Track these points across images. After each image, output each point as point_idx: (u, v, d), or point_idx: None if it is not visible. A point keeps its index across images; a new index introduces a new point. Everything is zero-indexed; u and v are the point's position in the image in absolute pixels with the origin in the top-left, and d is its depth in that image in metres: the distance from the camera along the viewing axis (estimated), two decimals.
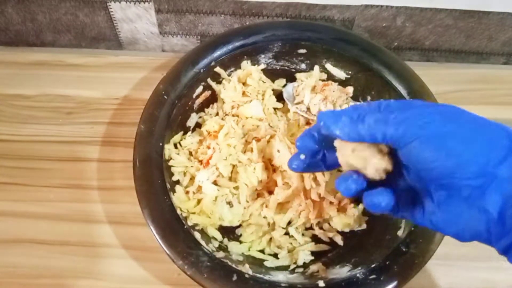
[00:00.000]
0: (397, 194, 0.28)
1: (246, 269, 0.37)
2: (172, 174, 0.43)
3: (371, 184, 0.29)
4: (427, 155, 0.25)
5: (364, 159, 0.28)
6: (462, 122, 0.25)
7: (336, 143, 0.29)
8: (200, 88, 0.47)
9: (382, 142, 0.27)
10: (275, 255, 0.42)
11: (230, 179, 0.44)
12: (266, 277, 0.37)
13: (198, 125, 0.48)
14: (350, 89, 0.48)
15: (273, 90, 0.50)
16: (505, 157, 0.24)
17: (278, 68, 0.51)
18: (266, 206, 0.42)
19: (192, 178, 0.43)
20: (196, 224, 0.40)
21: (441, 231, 0.27)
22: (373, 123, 0.26)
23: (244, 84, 0.49)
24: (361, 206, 0.42)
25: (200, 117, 0.48)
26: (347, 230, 0.42)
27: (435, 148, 0.24)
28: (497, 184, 0.24)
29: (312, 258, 0.41)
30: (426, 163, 0.25)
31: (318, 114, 0.29)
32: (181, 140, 0.45)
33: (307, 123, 0.47)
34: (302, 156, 0.33)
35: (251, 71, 0.49)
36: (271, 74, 0.51)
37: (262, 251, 0.42)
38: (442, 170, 0.25)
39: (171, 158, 0.43)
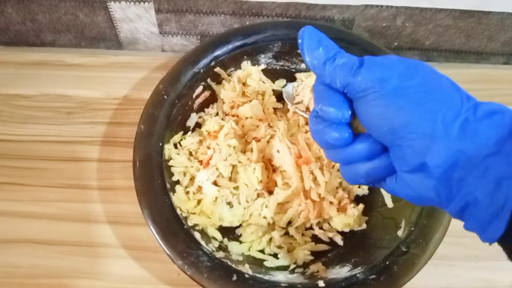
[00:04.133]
0: None
1: (246, 269, 0.37)
2: (172, 174, 0.43)
3: None
4: (377, 111, 0.25)
5: None
6: (418, 81, 0.25)
7: None
8: (200, 88, 0.47)
9: (339, 89, 0.26)
10: (275, 255, 0.42)
11: (230, 179, 0.44)
12: (266, 277, 0.38)
13: (198, 125, 0.48)
14: None
15: (273, 90, 0.50)
16: (455, 116, 0.24)
17: (278, 68, 0.51)
18: (266, 206, 0.42)
19: (192, 178, 0.43)
20: (196, 224, 0.40)
21: (395, 194, 0.27)
22: (339, 67, 0.26)
23: (244, 84, 0.49)
24: (361, 206, 0.42)
25: (200, 117, 0.48)
26: (347, 230, 0.42)
27: (385, 105, 0.24)
28: (442, 144, 0.23)
29: (312, 258, 0.41)
30: (375, 119, 0.25)
31: (301, 30, 0.27)
32: (181, 140, 0.45)
33: (307, 123, 0.47)
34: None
35: (251, 71, 0.49)
36: (271, 74, 0.50)
37: (262, 251, 0.42)
38: (388, 128, 0.24)
39: (171, 158, 0.43)
